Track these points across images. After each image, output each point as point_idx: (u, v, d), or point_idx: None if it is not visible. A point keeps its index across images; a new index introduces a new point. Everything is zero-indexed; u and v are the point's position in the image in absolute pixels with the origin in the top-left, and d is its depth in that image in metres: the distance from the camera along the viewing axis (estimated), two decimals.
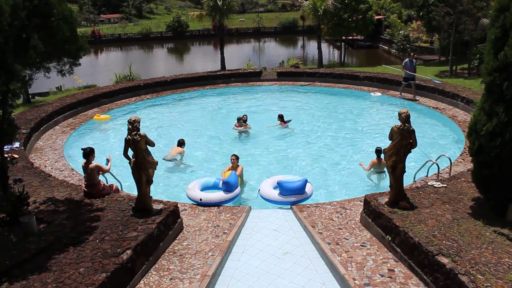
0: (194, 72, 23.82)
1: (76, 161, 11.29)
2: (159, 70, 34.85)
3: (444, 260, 5.09)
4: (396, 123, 6.53)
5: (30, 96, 18.23)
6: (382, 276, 5.70)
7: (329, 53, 47.76)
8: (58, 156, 11.38)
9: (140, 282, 5.72)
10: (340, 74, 20.49)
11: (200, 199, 8.09)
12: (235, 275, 6.07)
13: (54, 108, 14.93)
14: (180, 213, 7.39)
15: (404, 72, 16.83)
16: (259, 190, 8.73)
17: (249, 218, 7.75)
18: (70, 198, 7.39)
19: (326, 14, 25.92)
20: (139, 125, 6.49)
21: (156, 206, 6.86)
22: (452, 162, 9.29)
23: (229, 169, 9.35)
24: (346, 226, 7.14)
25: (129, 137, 6.41)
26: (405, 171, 6.62)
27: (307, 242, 6.87)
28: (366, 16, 28.29)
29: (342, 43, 32.53)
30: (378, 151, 10.07)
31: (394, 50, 34.18)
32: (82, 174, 9.14)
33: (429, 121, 14.27)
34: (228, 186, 8.26)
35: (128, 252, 5.54)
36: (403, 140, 6.42)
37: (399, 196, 6.67)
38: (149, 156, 6.58)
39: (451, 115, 14.18)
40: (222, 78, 21.29)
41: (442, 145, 12.03)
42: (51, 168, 10.40)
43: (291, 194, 8.26)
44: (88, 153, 7.78)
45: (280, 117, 13.82)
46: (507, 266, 4.93)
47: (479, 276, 4.72)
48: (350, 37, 38.53)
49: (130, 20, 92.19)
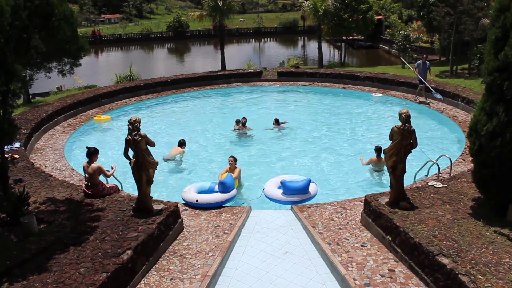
0: (195, 72, 23.83)
1: (76, 162, 11.30)
2: (160, 70, 34.86)
3: (445, 260, 5.08)
4: (397, 124, 6.53)
5: (31, 96, 18.25)
6: (383, 276, 5.69)
7: (330, 53, 47.75)
8: (59, 156, 11.38)
9: (141, 282, 5.72)
10: (341, 74, 20.49)
11: (196, 200, 8.04)
12: (236, 276, 6.07)
13: (55, 108, 14.95)
14: (181, 213, 7.40)
15: (418, 74, 16.17)
16: (263, 189, 8.81)
17: (250, 218, 7.75)
18: (71, 198, 7.39)
19: (327, 14, 25.93)
20: (140, 125, 6.49)
21: (157, 206, 6.86)
22: (453, 162, 9.29)
23: (227, 171, 9.30)
24: (347, 226, 7.14)
25: (130, 137, 6.42)
26: (406, 171, 6.62)
27: (308, 243, 6.87)
28: (367, 16, 28.30)
29: (343, 43, 32.53)
30: (378, 150, 10.14)
31: (395, 50, 34.12)
32: (82, 174, 9.19)
33: (430, 121, 14.27)
34: (224, 187, 8.23)
35: (129, 252, 5.54)
36: (404, 140, 6.42)
37: (400, 196, 6.67)
38: (150, 156, 6.59)
39: (452, 115, 14.17)
40: (223, 78, 21.30)
41: (443, 145, 12.02)
42: (52, 168, 10.41)
43: (294, 194, 8.32)
44: (92, 153, 7.79)
45: (276, 121, 13.79)
46: (508, 267, 4.93)
47: (480, 277, 4.71)
48: (351, 37, 38.52)
49: (131, 20, 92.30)
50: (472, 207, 6.61)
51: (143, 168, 6.53)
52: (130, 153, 6.60)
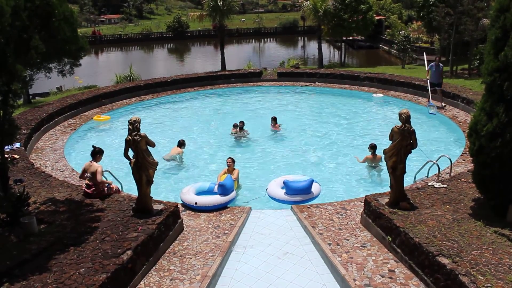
0: (195, 73, 23.83)
1: (76, 162, 11.30)
2: (160, 71, 34.86)
3: (445, 261, 5.09)
4: (398, 124, 6.53)
5: (31, 97, 18.25)
6: (383, 277, 5.70)
7: (330, 54, 47.77)
8: (59, 157, 11.38)
9: (141, 283, 5.73)
10: (341, 75, 20.49)
11: (195, 203, 7.97)
12: (236, 276, 6.07)
13: (55, 109, 14.94)
14: (181, 214, 7.40)
15: (431, 77, 15.25)
16: (267, 189, 8.85)
17: (250, 219, 7.75)
18: (71, 199, 7.39)
19: (327, 15, 25.93)
20: (140, 126, 6.49)
21: (157, 207, 6.87)
22: (453, 163, 9.29)
23: (225, 173, 9.25)
24: (347, 227, 7.14)
25: (130, 138, 6.42)
26: (406, 172, 6.62)
27: (308, 243, 6.87)
28: (367, 17, 28.31)
29: (343, 44, 32.55)
30: (373, 147, 10.43)
31: (395, 51, 34.14)
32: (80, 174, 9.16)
33: (430, 122, 14.26)
34: (224, 189, 8.13)
35: (129, 253, 5.54)
36: (404, 141, 6.42)
37: (400, 197, 6.67)
38: (150, 157, 6.59)
39: (452, 116, 14.17)
40: (223, 79, 21.30)
41: (443, 146, 12.03)
42: (52, 169, 10.41)
43: (297, 194, 8.36)
44: (96, 152, 7.83)
45: (274, 119, 13.70)
46: (508, 267, 4.93)
47: (480, 277, 4.71)
48: (351, 38, 38.52)
49: (131, 21, 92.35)
50: (472, 208, 6.61)
51: (143, 169, 6.53)
52: (130, 154, 6.61)
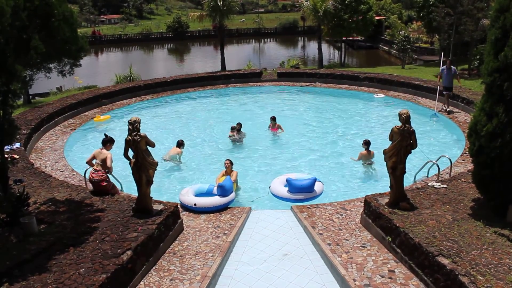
0: (195, 73, 23.84)
1: (76, 162, 11.30)
2: (160, 71, 34.87)
3: (445, 261, 5.08)
4: (398, 124, 6.53)
5: (31, 97, 18.26)
6: (383, 277, 5.70)
7: (329, 54, 47.78)
8: (59, 157, 11.38)
9: (140, 283, 5.72)
10: (341, 75, 20.50)
11: (195, 204, 7.92)
12: (235, 276, 6.07)
13: (55, 109, 14.95)
14: (180, 214, 7.40)
15: (442, 81, 14.53)
16: (270, 187, 8.90)
17: (249, 219, 7.75)
18: (71, 199, 7.38)
19: (326, 15, 25.95)
20: (140, 126, 6.49)
21: (157, 207, 6.86)
22: (453, 163, 9.29)
23: (223, 175, 9.18)
24: (347, 227, 7.14)
25: (130, 138, 6.42)
26: (405, 172, 6.62)
27: (308, 243, 6.87)
28: (366, 17, 28.31)
29: (342, 44, 32.54)
30: (367, 143, 10.64)
31: (394, 51, 34.17)
32: (81, 174, 9.22)
33: (430, 122, 14.26)
34: (223, 191, 8.06)
35: (128, 253, 5.54)
36: (404, 141, 6.42)
37: (400, 197, 6.67)
38: (150, 157, 6.58)
39: (452, 116, 14.17)
40: (223, 79, 21.31)
41: (443, 146, 12.03)
42: (52, 169, 10.41)
43: (300, 192, 8.42)
44: (107, 141, 8.02)
45: (273, 119, 13.56)
46: (508, 267, 4.93)
47: (480, 277, 4.71)
48: (350, 38, 38.52)
49: (131, 21, 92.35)
50: (472, 208, 6.61)
51: (143, 169, 6.53)
52: (130, 154, 6.60)
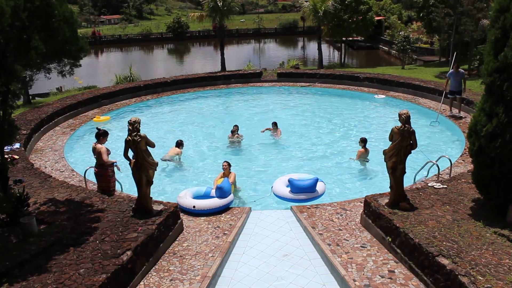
0: (195, 73, 23.85)
1: (76, 162, 11.31)
2: (159, 71, 34.88)
3: (445, 261, 5.08)
4: (397, 125, 6.54)
5: (30, 97, 18.25)
6: (382, 277, 5.70)
7: (329, 54, 47.79)
8: (58, 157, 11.38)
9: (140, 283, 5.72)
10: (340, 75, 20.49)
11: (194, 206, 7.83)
12: (235, 276, 6.07)
13: (54, 109, 14.94)
14: (180, 214, 7.39)
15: (449, 84, 13.98)
16: (272, 188, 8.91)
17: (249, 219, 7.74)
18: (70, 199, 7.38)
19: (326, 15, 25.97)
20: (139, 126, 6.49)
21: (156, 207, 6.86)
22: (452, 163, 9.28)
23: (221, 177, 9.11)
24: (347, 227, 7.14)
25: (130, 138, 6.42)
26: (405, 172, 6.62)
27: (307, 243, 6.87)
28: (366, 17, 28.34)
29: (342, 44, 32.56)
30: (363, 141, 10.84)
31: (394, 51, 34.19)
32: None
33: (430, 122, 14.24)
34: (222, 192, 7.99)
35: (128, 253, 5.54)
36: (404, 141, 6.42)
37: (400, 197, 6.67)
38: (149, 157, 6.58)
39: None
40: (223, 79, 21.30)
41: (442, 146, 12.02)
42: (51, 169, 10.41)
43: (301, 192, 8.43)
44: (100, 135, 8.04)
45: (274, 124, 13.32)
46: (508, 267, 4.93)
47: (480, 277, 4.71)
48: (350, 38, 38.55)
49: (131, 21, 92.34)
50: (472, 208, 6.61)
51: (143, 169, 6.53)
52: (130, 154, 6.60)
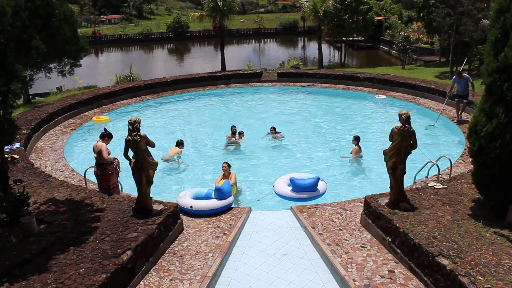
0: (195, 73, 23.84)
1: (76, 162, 11.31)
2: (160, 71, 34.88)
3: (445, 261, 5.09)
4: (397, 125, 6.54)
5: (31, 97, 18.26)
6: (382, 277, 5.70)
7: (330, 54, 47.79)
8: (59, 157, 11.38)
9: (140, 283, 5.72)
10: (341, 75, 20.49)
11: (191, 206, 7.79)
12: (235, 276, 6.07)
13: (55, 109, 14.93)
14: (180, 214, 7.39)
15: (456, 89, 13.66)
16: (273, 187, 8.94)
17: (249, 219, 7.75)
18: (71, 199, 7.38)
19: (327, 15, 25.98)
20: (140, 126, 6.49)
21: (156, 207, 6.86)
22: (452, 163, 9.29)
23: (222, 178, 9.05)
24: (346, 227, 7.14)
25: (130, 138, 6.42)
26: (405, 172, 6.62)
27: (307, 243, 6.87)
28: (367, 17, 28.35)
29: (343, 44, 32.56)
30: (357, 138, 11.14)
31: (395, 51, 34.21)
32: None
33: (430, 122, 14.24)
34: (221, 194, 7.89)
35: (128, 253, 5.54)
36: (404, 141, 6.42)
37: (400, 197, 6.67)
38: (150, 157, 6.58)
39: (452, 116, 14.16)
40: (223, 79, 21.30)
41: (443, 146, 12.03)
42: (51, 169, 10.41)
43: (303, 191, 8.47)
44: (104, 136, 8.17)
45: (273, 129, 13.28)
46: (508, 268, 4.93)
47: (480, 278, 4.71)
48: (351, 38, 38.57)
49: (131, 21, 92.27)
50: (472, 208, 6.61)
51: (143, 169, 6.53)
52: (130, 154, 6.60)
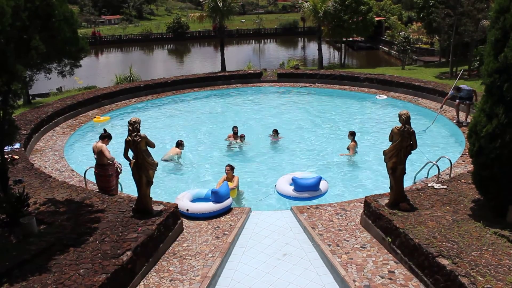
0: (195, 73, 23.85)
1: (76, 163, 11.30)
2: (160, 71, 34.88)
3: (445, 262, 5.08)
4: (397, 125, 6.54)
5: (31, 97, 18.25)
6: (382, 278, 5.69)
7: (330, 55, 47.81)
8: (58, 157, 11.38)
9: (140, 284, 5.72)
10: (341, 76, 20.49)
11: (187, 210, 7.66)
12: (235, 277, 6.07)
13: (55, 109, 14.94)
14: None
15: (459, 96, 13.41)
16: (275, 186, 8.95)
17: (249, 220, 7.74)
18: (70, 199, 7.38)
19: (327, 16, 25.99)
20: (139, 126, 6.49)
21: (156, 207, 6.86)
22: (452, 164, 9.29)
23: (224, 180, 8.99)
24: (346, 228, 7.14)
25: (130, 138, 6.42)
26: (405, 173, 6.63)
27: (307, 244, 6.87)
28: (367, 18, 28.35)
29: (343, 45, 32.57)
30: (352, 134, 11.37)
31: (395, 52, 34.23)
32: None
33: (430, 123, 14.24)
34: (217, 197, 7.73)
35: (128, 253, 5.54)
36: (403, 142, 6.42)
37: (399, 198, 6.67)
38: (149, 157, 6.59)
39: (452, 117, 14.16)
40: (223, 80, 21.31)
41: (443, 147, 12.03)
42: (51, 169, 10.41)
43: (305, 191, 8.50)
44: (104, 136, 8.23)
45: (275, 132, 13.13)
46: (508, 268, 4.93)
47: (480, 278, 4.71)
48: (351, 39, 38.56)
49: (131, 21, 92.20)
50: (472, 209, 6.61)
51: (143, 169, 6.53)
52: (130, 154, 6.60)
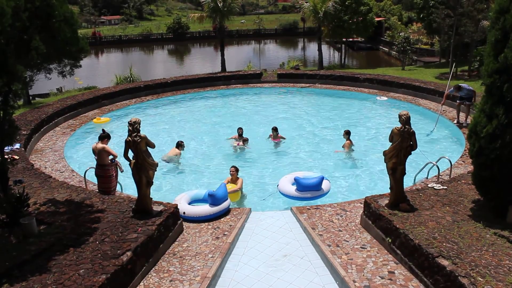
0: (195, 74, 23.86)
1: (76, 163, 11.31)
2: (160, 72, 34.88)
3: (445, 262, 5.08)
4: (397, 126, 6.54)
5: (31, 98, 18.27)
6: (382, 278, 5.69)
7: (330, 55, 47.80)
8: (58, 158, 11.38)
9: (140, 284, 5.72)
10: (341, 76, 20.50)
11: (184, 212, 7.54)
12: (235, 277, 6.06)
13: (55, 110, 14.94)
14: None
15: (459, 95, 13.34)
16: (278, 186, 8.95)
17: (249, 220, 7.74)
18: (70, 200, 7.38)
19: (327, 16, 25.99)
20: (140, 127, 6.49)
21: (156, 208, 6.86)
22: (452, 164, 9.29)
23: (228, 182, 8.97)
24: (346, 228, 7.14)
25: (130, 139, 6.42)
26: (405, 173, 6.62)
27: (307, 244, 6.86)
28: (367, 18, 28.36)
29: (343, 45, 32.57)
30: (348, 133, 11.58)
31: (395, 52, 34.24)
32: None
33: (430, 123, 14.25)
34: (214, 200, 7.59)
35: (128, 254, 5.54)
36: (404, 142, 6.42)
37: (399, 198, 6.67)
38: (150, 158, 6.59)
39: (452, 117, 14.17)
40: (223, 80, 21.31)
41: (443, 147, 12.03)
42: (51, 170, 10.41)
43: (307, 190, 8.48)
44: (103, 137, 8.26)
45: (275, 130, 12.96)
46: (508, 268, 4.93)
47: (480, 278, 4.71)
48: (351, 39, 38.59)
49: (131, 22, 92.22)
50: (472, 209, 6.61)
51: (143, 170, 6.53)
52: (130, 155, 6.60)
